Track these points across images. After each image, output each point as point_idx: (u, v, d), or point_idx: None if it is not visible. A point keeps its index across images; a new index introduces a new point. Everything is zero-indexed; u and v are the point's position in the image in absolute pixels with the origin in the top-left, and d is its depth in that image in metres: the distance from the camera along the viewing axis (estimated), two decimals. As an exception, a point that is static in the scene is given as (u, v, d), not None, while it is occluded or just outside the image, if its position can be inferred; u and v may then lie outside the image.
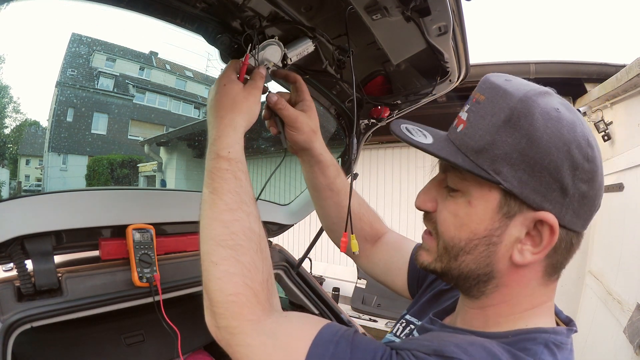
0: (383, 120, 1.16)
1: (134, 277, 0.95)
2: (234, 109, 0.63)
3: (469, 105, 0.50)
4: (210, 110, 0.65)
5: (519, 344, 0.45)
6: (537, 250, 0.46)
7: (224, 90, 0.64)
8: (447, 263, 0.52)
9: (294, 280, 1.43)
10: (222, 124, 0.61)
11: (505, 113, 0.45)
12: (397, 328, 0.70)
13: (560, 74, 3.50)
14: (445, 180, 0.53)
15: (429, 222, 0.56)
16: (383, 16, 0.70)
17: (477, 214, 0.48)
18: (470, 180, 0.48)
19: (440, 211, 0.53)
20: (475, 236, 0.49)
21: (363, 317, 3.50)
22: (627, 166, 2.59)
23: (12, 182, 1.58)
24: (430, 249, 0.55)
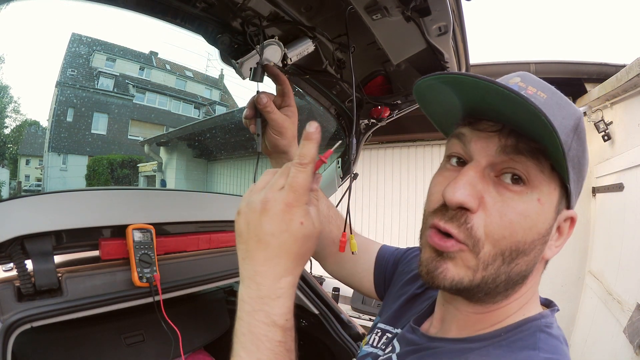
0: (383, 120, 1.16)
1: (134, 277, 0.95)
2: (302, 259, 0.48)
3: (524, 94, 0.41)
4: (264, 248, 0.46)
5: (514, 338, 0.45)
6: (559, 243, 0.48)
7: (299, 231, 0.46)
8: (497, 269, 0.44)
9: (294, 280, 1.43)
10: (284, 280, 0.46)
11: (574, 120, 0.46)
12: (373, 338, 0.67)
13: (560, 74, 3.50)
14: (496, 170, 0.44)
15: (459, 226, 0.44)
16: (383, 16, 0.70)
17: (545, 213, 0.44)
18: (546, 174, 0.44)
19: (502, 212, 0.43)
20: (539, 236, 0.44)
21: (363, 317, 3.50)
22: (627, 166, 2.59)
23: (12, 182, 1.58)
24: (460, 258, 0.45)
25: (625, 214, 2.56)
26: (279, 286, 0.46)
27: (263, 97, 0.69)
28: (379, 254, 0.82)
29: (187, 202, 1.19)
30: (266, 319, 0.45)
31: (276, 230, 0.45)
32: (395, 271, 0.79)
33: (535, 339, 0.44)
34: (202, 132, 2.58)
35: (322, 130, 0.81)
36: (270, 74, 0.74)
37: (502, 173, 0.44)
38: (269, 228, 0.46)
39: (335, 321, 1.42)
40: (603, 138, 3.01)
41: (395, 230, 5.01)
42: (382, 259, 0.81)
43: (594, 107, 3.25)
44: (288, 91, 0.74)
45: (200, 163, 2.64)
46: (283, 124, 0.71)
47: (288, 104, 0.74)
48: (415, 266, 0.73)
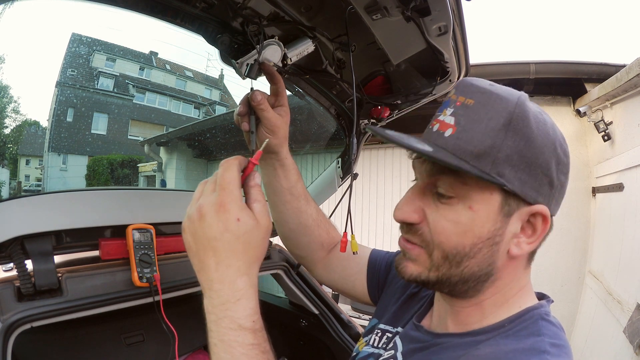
0: (383, 120, 1.16)
1: (134, 277, 0.95)
2: (253, 257, 0.49)
3: (452, 108, 0.49)
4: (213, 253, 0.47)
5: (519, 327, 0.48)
6: (532, 240, 0.49)
7: (238, 229, 0.47)
8: (447, 271, 0.50)
9: (294, 280, 1.43)
10: (240, 281, 0.48)
11: (503, 117, 0.46)
12: (373, 339, 0.68)
13: (560, 74, 3.50)
14: (432, 187, 0.51)
15: (413, 235, 0.52)
16: (383, 16, 0.70)
17: (480, 218, 0.47)
18: (471, 185, 0.47)
19: (436, 220, 0.49)
20: (480, 240, 0.48)
21: (363, 317, 3.50)
22: (627, 166, 2.59)
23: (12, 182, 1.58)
24: (418, 260, 0.52)
25: (625, 214, 2.56)
26: (236, 289, 0.47)
27: (257, 95, 0.69)
28: (371, 258, 0.82)
29: (187, 202, 1.19)
30: (232, 324, 0.46)
31: (217, 233, 0.47)
32: (388, 274, 0.79)
33: (539, 326, 0.47)
34: (202, 132, 2.58)
35: (322, 130, 0.81)
36: (265, 73, 0.74)
37: (436, 189, 0.50)
38: (209, 232, 0.47)
39: (335, 321, 1.42)
40: (603, 138, 3.01)
41: (395, 230, 4.98)
42: (374, 262, 0.81)
43: (594, 107, 3.25)
44: (282, 91, 0.74)
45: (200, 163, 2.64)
46: (276, 123, 0.71)
47: (281, 104, 0.74)
48: None
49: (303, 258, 0.86)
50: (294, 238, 0.83)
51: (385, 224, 5.07)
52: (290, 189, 0.78)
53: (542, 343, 0.45)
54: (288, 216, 0.81)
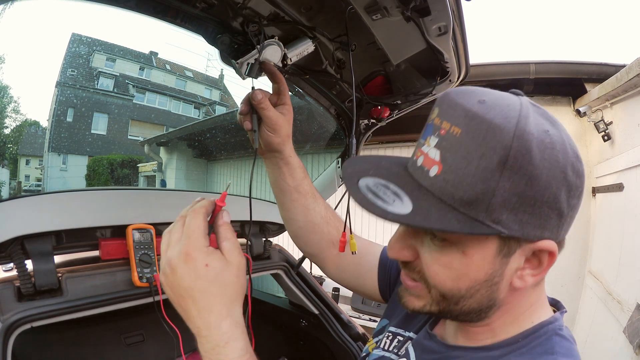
0: (383, 120, 1.16)
1: (134, 277, 0.95)
2: (231, 297, 0.50)
3: (436, 137, 0.42)
4: (192, 302, 0.48)
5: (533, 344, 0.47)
6: (537, 272, 0.45)
7: (208, 274, 0.48)
8: (447, 307, 0.48)
9: (294, 280, 1.43)
10: (224, 324, 0.48)
11: (498, 154, 0.38)
12: (384, 342, 0.67)
13: (560, 74, 3.50)
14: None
15: (411, 271, 0.50)
16: (383, 16, 0.70)
17: (474, 263, 0.44)
18: None
19: (429, 264, 0.47)
20: (476, 283, 0.45)
21: (363, 317, 3.50)
22: (627, 166, 2.59)
23: (12, 182, 1.58)
24: (420, 295, 0.50)
25: (625, 214, 2.56)
26: (222, 332, 0.48)
27: (258, 94, 0.69)
28: (383, 256, 0.81)
29: (187, 202, 1.19)
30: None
31: (190, 282, 0.48)
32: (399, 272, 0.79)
33: (552, 343, 0.46)
34: (202, 132, 2.58)
35: (322, 130, 0.80)
36: (266, 72, 0.74)
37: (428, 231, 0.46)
38: (183, 283, 0.48)
39: (335, 321, 1.42)
40: (603, 138, 3.01)
41: (395, 230, 5.00)
42: (385, 260, 0.80)
43: (594, 107, 3.25)
44: (284, 89, 0.74)
45: (200, 163, 2.64)
46: (277, 122, 0.71)
47: (283, 102, 0.74)
48: None
49: (314, 256, 0.85)
50: (303, 236, 0.82)
51: (385, 223, 5.06)
52: (297, 187, 0.78)
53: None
54: (296, 214, 0.80)
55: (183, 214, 0.54)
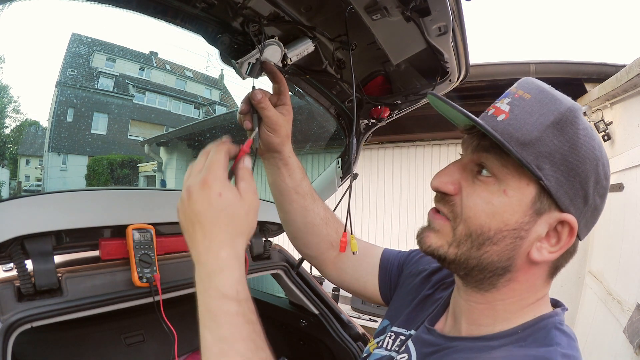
0: (383, 120, 1.16)
1: (134, 277, 0.95)
2: (236, 230, 0.52)
3: (509, 98, 0.50)
4: (200, 227, 0.51)
5: (532, 336, 0.48)
6: (554, 250, 0.49)
7: (220, 203, 0.50)
8: (467, 251, 0.50)
9: (294, 280, 1.43)
10: (223, 253, 0.50)
11: (554, 115, 0.47)
12: (387, 342, 0.67)
13: (560, 74, 3.50)
14: (474, 165, 0.52)
15: (445, 205, 0.53)
16: (383, 16, 0.70)
17: (511, 205, 0.48)
18: (510, 169, 0.48)
19: (469, 196, 0.51)
20: (506, 227, 0.48)
21: (363, 317, 3.50)
22: (627, 166, 2.59)
23: (12, 182, 1.58)
24: (441, 231, 0.53)
25: (625, 214, 2.56)
26: (219, 259, 0.50)
27: (258, 93, 0.69)
28: (383, 257, 0.81)
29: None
30: (216, 293, 0.48)
31: (202, 208, 0.51)
32: (400, 274, 0.79)
33: (552, 335, 0.48)
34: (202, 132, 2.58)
35: (322, 130, 0.80)
36: (267, 72, 0.74)
37: (478, 167, 0.52)
38: (195, 208, 0.51)
39: (335, 321, 1.42)
40: (603, 138, 3.01)
41: (395, 230, 5.01)
42: (386, 262, 0.81)
43: (594, 107, 3.25)
44: (284, 89, 0.74)
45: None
46: (277, 122, 0.71)
47: (284, 102, 0.74)
48: (423, 267, 0.75)
49: (313, 258, 0.85)
50: (302, 238, 0.82)
51: (385, 223, 5.07)
52: (296, 187, 0.78)
53: (554, 353, 0.45)
54: (295, 215, 0.80)
55: (207, 149, 0.56)
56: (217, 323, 0.48)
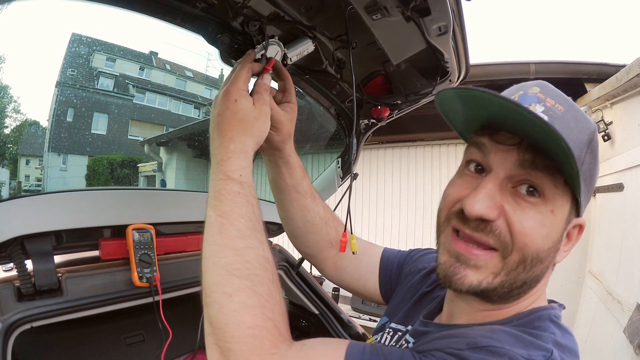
0: (383, 120, 1.16)
1: (134, 277, 0.95)
2: (245, 130, 0.59)
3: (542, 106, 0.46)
4: (217, 126, 0.59)
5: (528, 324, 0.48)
6: (567, 249, 0.51)
7: (235, 107, 0.59)
8: (517, 275, 0.47)
9: (294, 280, 1.43)
10: (231, 146, 0.57)
11: (588, 135, 0.48)
12: (385, 337, 0.68)
13: (560, 74, 3.50)
14: (514, 182, 0.47)
15: (487, 234, 0.47)
16: (383, 16, 0.70)
17: (558, 224, 0.48)
18: (559, 189, 0.47)
19: (522, 221, 0.46)
20: (554, 245, 0.48)
21: (363, 317, 3.50)
22: (627, 166, 2.59)
23: (12, 182, 1.58)
24: (486, 266, 0.48)
25: (625, 214, 2.56)
26: (228, 150, 0.57)
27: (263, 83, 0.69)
28: (383, 257, 0.82)
29: (187, 202, 1.19)
30: (223, 175, 0.55)
31: (221, 111, 0.60)
32: (400, 273, 0.79)
33: (546, 325, 0.48)
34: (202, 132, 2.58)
35: (322, 130, 0.80)
36: (273, 69, 0.73)
37: (519, 184, 0.47)
38: (216, 112, 0.60)
39: (335, 321, 1.42)
40: (603, 138, 3.00)
41: (395, 230, 5.01)
42: (386, 261, 0.81)
43: (594, 107, 3.25)
44: (290, 87, 0.74)
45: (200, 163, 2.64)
46: (280, 119, 0.70)
47: (289, 100, 0.74)
48: (423, 266, 0.75)
49: (312, 257, 0.85)
50: (302, 236, 0.82)
51: (385, 223, 5.07)
52: (296, 186, 0.78)
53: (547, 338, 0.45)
54: (294, 214, 0.80)
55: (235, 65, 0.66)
56: (221, 200, 0.53)
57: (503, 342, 0.43)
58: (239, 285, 0.48)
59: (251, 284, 0.48)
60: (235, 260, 0.49)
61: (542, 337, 0.45)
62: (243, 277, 0.48)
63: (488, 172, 0.49)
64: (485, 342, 0.43)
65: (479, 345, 0.42)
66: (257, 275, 0.49)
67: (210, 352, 0.47)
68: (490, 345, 0.42)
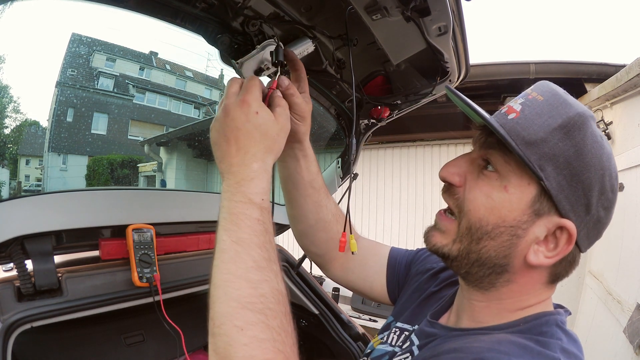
0: (383, 120, 1.16)
1: (134, 277, 0.95)
2: (267, 147, 0.54)
3: (523, 99, 0.51)
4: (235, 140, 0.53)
5: (534, 329, 0.48)
6: (551, 255, 0.49)
7: (256, 120, 0.53)
8: (468, 245, 0.52)
9: (294, 280, 1.43)
10: (255, 164, 0.52)
11: (562, 119, 0.47)
12: (391, 337, 0.67)
13: (560, 74, 3.50)
14: (480, 160, 0.54)
15: (450, 197, 0.55)
16: (383, 16, 0.70)
17: (510, 202, 0.49)
18: (513, 166, 0.49)
19: (471, 189, 0.53)
20: (503, 223, 0.50)
21: (363, 317, 3.50)
22: (627, 166, 2.59)
23: (12, 182, 1.58)
24: (446, 231, 0.55)
25: (625, 214, 2.56)
26: (251, 170, 0.52)
27: (284, 80, 0.65)
28: (391, 256, 0.81)
29: (187, 202, 1.19)
30: (244, 198, 0.50)
31: (239, 124, 0.53)
32: (408, 273, 0.79)
33: (553, 331, 0.48)
34: (202, 132, 2.57)
35: (322, 130, 0.80)
36: (287, 60, 0.72)
37: (484, 162, 0.53)
38: (232, 124, 0.53)
39: (335, 321, 1.42)
40: (603, 138, 3.00)
41: (395, 230, 5.00)
42: (394, 261, 0.80)
43: (594, 107, 3.25)
44: (304, 77, 0.72)
45: (200, 163, 2.64)
46: (305, 108, 0.68)
47: (304, 90, 0.71)
48: (430, 266, 0.75)
49: (320, 256, 0.83)
50: (312, 234, 0.80)
51: (385, 223, 5.06)
52: (312, 181, 0.76)
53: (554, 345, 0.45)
54: (308, 211, 0.78)
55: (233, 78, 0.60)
56: (238, 225, 0.49)
57: (510, 354, 0.42)
58: (252, 320, 0.45)
59: (265, 318, 0.46)
60: (250, 294, 0.47)
61: (550, 345, 0.45)
62: (257, 311, 0.46)
63: None
64: (493, 357, 0.42)
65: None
66: (271, 309, 0.47)
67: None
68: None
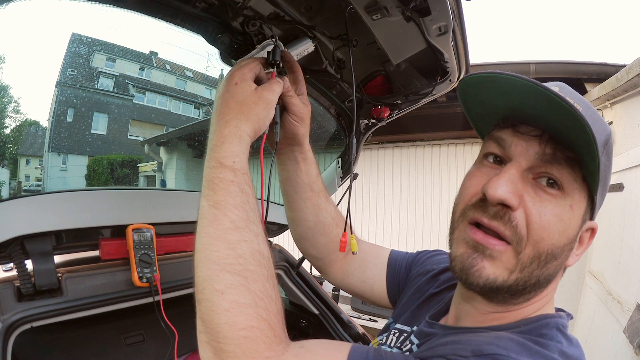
0: (383, 120, 1.16)
1: (134, 277, 0.95)
2: (241, 114, 0.55)
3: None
4: (215, 109, 0.56)
5: (534, 331, 0.48)
6: (579, 253, 0.50)
7: (234, 90, 0.56)
8: (530, 273, 0.46)
9: (294, 280, 1.43)
10: (226, 130, 0.53)
11: (605, 136, 0.47)
12: (390, 339, 0.67)
13: (560, 74, 3.50)
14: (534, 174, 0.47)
15: (504, 224, 0.46)
16: (383, 16, 0.70)
17: (575, 220, 0.47)
18: (578, 184, 0.46)
19: (541, 213, 0.45)
20: (568, 242, 0.48)
21: (363, 317, 3.50)
22: (627, 166, 2.59)
23: (12, 182, 1.58)
24: (500, 258, 0.47)
25: (625, 214, 2.56)
26: (222, 135, 0.53)
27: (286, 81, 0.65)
28: (391, 259, 0.80)
29: (187, 202, 1.19)
30: (215, 162, 0.52)
31: (220, 94, 0.57)
32: (408, 275, 0.78)
33: (553, 333, 0.47)
34: (202, 132, 2.57)
35: (322, 130, 0.80)
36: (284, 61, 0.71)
37: (539, 177, 0.47)
38: (218, 94, 0.58)
39: (335, 321, 1.42)
40: (603, 138, 3.00)
41: (395, 230, 5.00)
42: (394, 263, 0.80)
43: (594, 107, 3.25)
44: (301, 79, 0.72)
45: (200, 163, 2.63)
46: (303, 111, 0.68)
47: (302, 92, 0.71)
48: (431, 267, 0.74)
49: (319, 260, 0.82)
50: (311, 237, 0.79)
51: (385, 223, 5.06)
52: (311, 184, 0.75)
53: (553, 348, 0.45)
54: (307, 214, 0.77)
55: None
56: (214, 190, 0.50)
57: (509, 350, 0.42)
58: (232, 282, 0.45)
59: (244, 280, 0.45)
60: (228, 255, 0.46)
61: (549, 347, 0.44)
62: (236, 273, 0.45)
63: (508, 162, 0.49)
64: (491, 350, 0.42)
65: (484, 353, 0.42)
66: (250, 271, 0.46)
67: (203, 350, 0.46)
68: (495, 354, 0.41)
